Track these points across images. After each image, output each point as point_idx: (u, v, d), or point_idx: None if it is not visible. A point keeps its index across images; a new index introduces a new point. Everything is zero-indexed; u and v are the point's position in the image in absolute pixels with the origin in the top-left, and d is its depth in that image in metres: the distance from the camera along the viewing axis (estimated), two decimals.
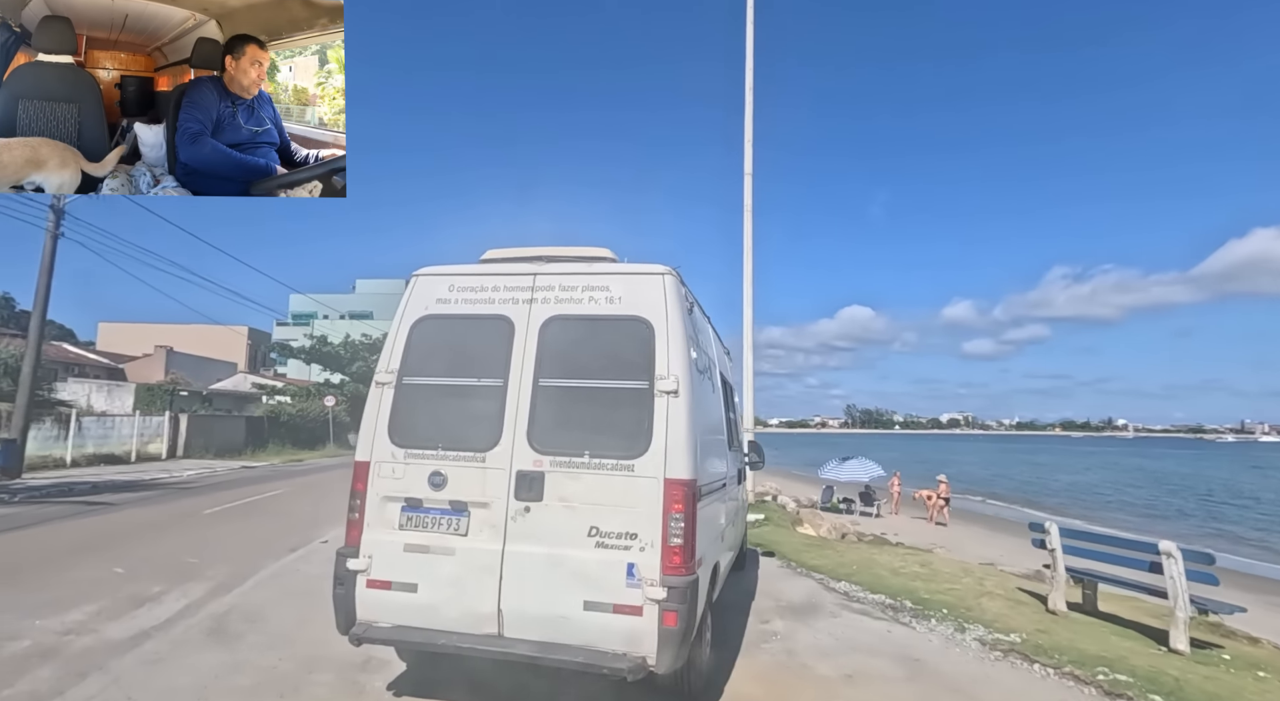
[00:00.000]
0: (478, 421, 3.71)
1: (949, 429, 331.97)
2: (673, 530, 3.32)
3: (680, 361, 3.51)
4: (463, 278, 3.95)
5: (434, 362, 3.86)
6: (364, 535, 3.72)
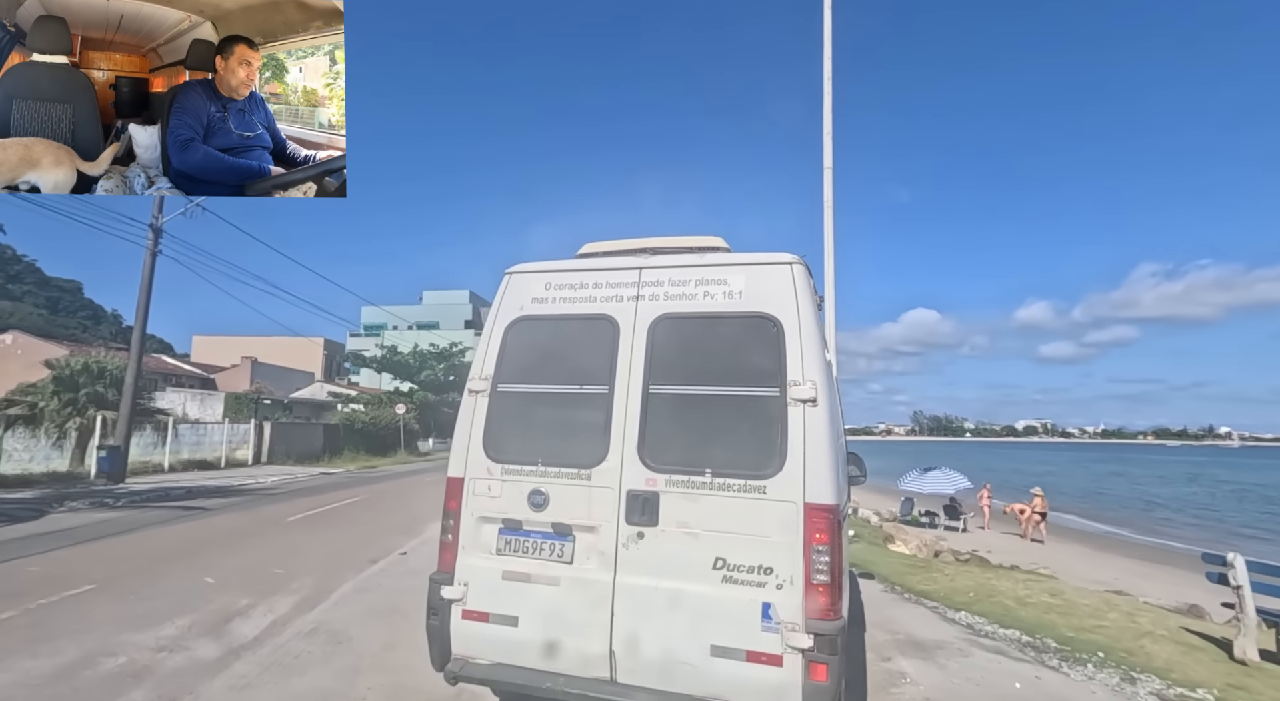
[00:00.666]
0: (581, 434, 3.31)
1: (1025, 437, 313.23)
2: (816, 565, 2.80)
3: (816, 364, 3.00)
4: (560, 274, 3.57)
5: (531, 368, 3.50)
6: (459, 559, 3.37)
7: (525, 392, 3.47)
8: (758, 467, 2.95)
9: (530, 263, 3.71)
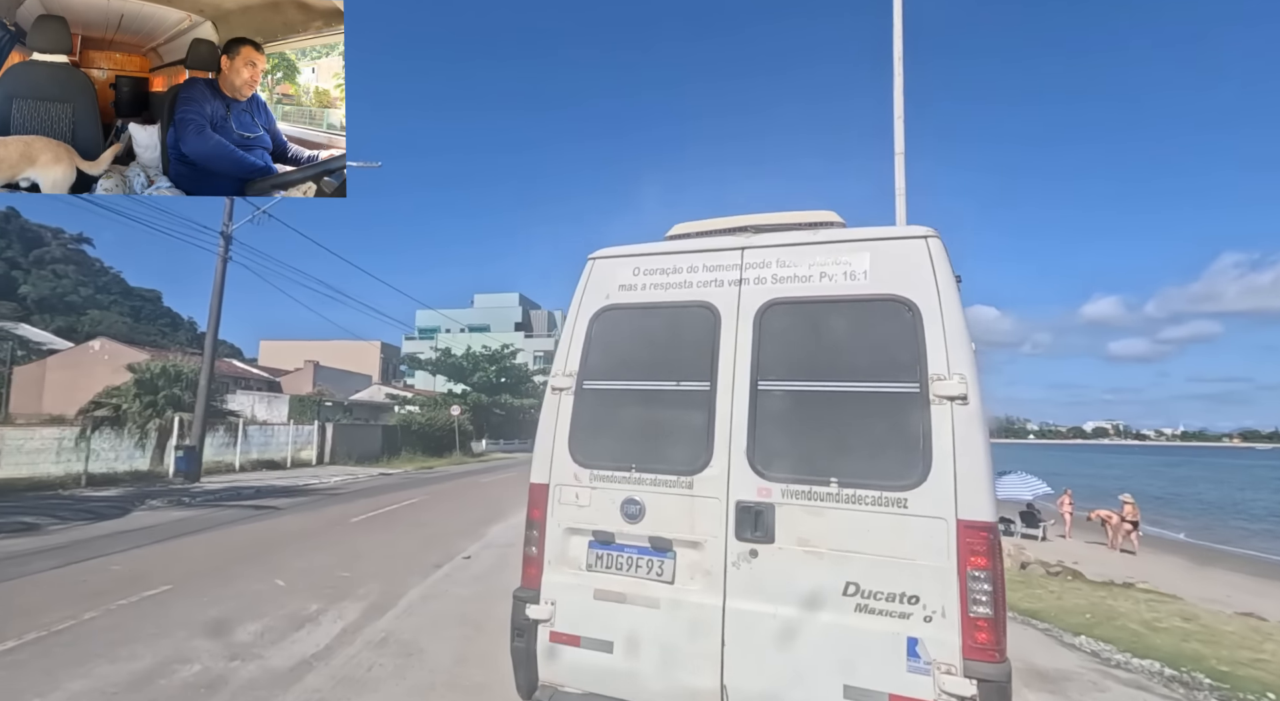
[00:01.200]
0: (679, 436, 2.94)
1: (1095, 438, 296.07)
2: (975, 594, 2.34)
3: (963, 355, 2.53)
4: (650, 258, 3.21)
5: (620, 362, 3.15)
6: (545, 575, 3.06)
7: (614, 389, 3.12)
8: (896, 477, 2.51)
9: (615, 246, 3.36)
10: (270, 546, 8.58)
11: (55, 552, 7.86)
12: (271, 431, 24.26)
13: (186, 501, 13.07)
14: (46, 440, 22.38)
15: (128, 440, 19.36)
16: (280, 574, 6.90)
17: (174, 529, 9.84)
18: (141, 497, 13.16)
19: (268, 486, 16.20)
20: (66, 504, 12.01)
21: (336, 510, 12.47)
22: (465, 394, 41.22)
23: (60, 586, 6.25)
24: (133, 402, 19.02)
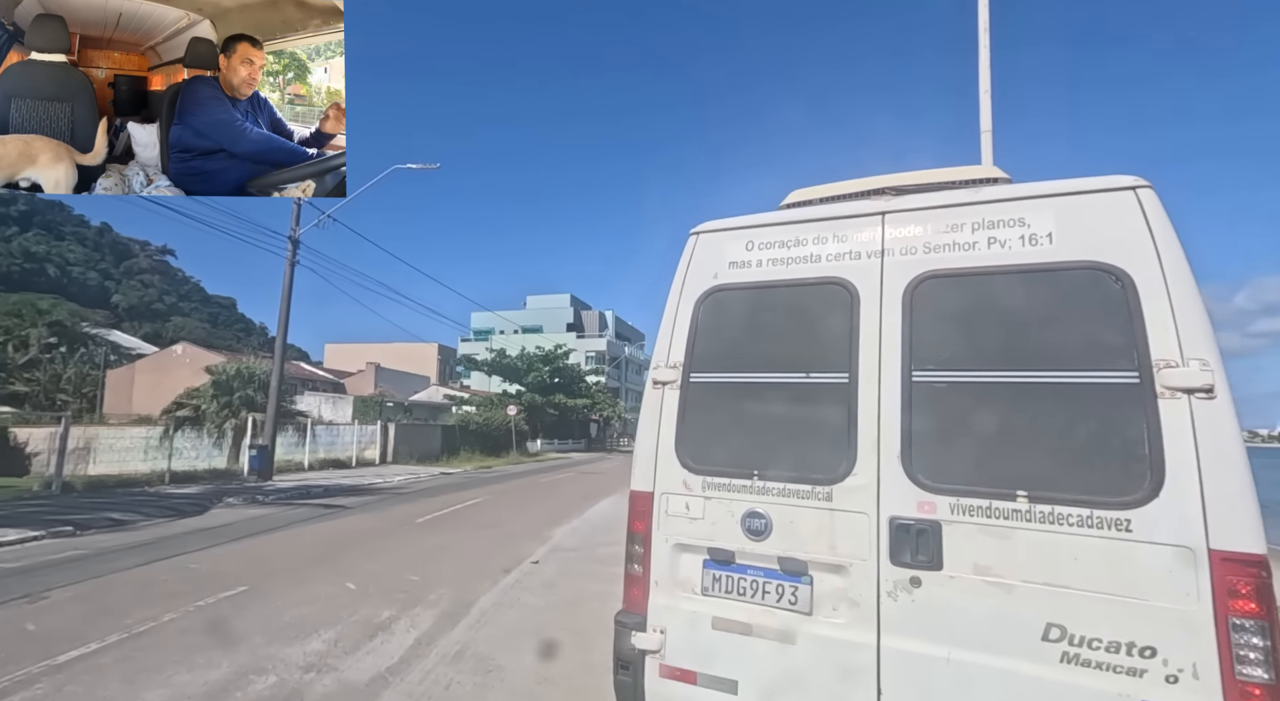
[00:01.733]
0: (812, 437, 2.49)
1: None
2: (1242, 651, 1.79)
3: (1201, 336, 1.98)
4: (767, 230, 2.75)
5: (734, 351, 2.71)
6: (652, 598, 2.64)
7: (728, 383, 2.69)
8: (1112, 491, 1.98)
9: (723, 219, 2.93)
10: (340, 547, 8.54)
11: (140, 550, 8.04)
12: (337, 431, 24.97)
13: (260, 499, 13.41)
14: (135, 439, 23.72)
15: (206, 439, 20.25)
16: (351, 576, 6.78)
17: (249, 527, 10.00)
18: (219, 495, 13.58)
19: (335, 485, 16.54)
20: (152, 500, 12.48)
21: (402, 510, 12.51)
22: (520, 394, 41.62)
23: (143, 585, 6.29)
24: (210, 403, 19.87)
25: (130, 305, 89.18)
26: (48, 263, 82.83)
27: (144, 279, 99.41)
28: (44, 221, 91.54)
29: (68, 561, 7.31)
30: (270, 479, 16.85)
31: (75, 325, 50.11)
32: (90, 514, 10.35)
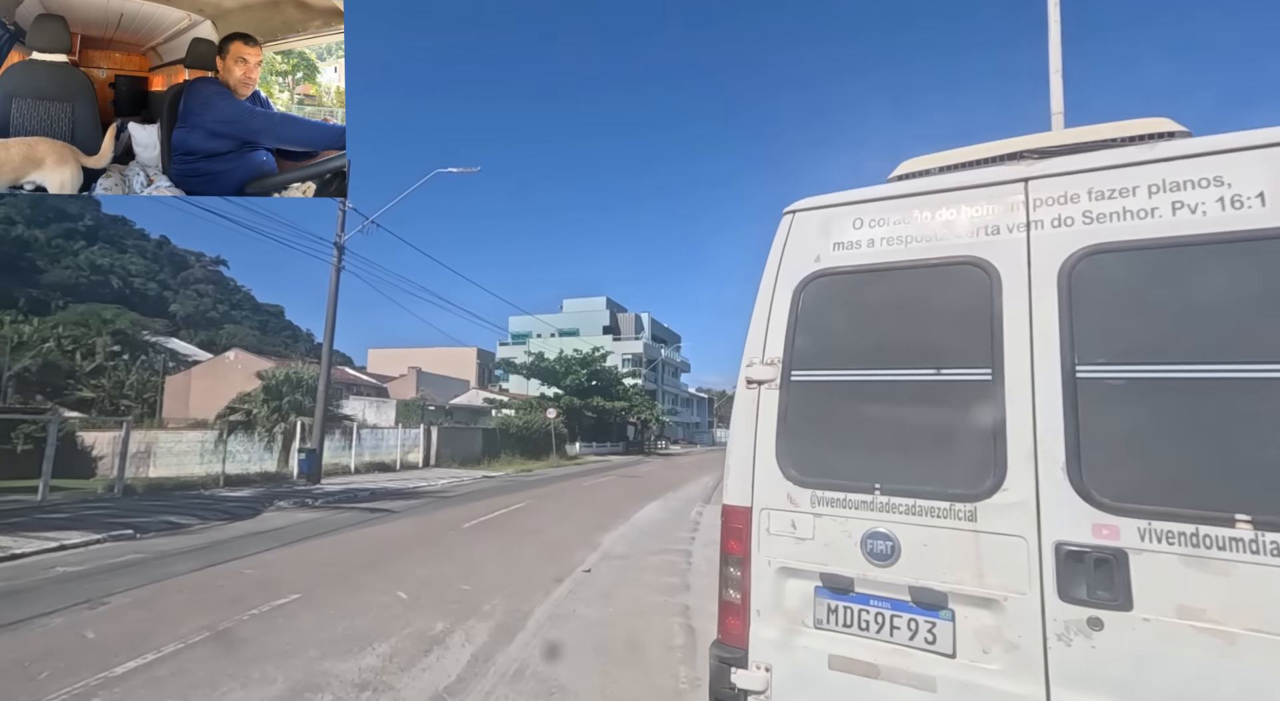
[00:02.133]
0: (948, 444, 2.11)
1: None
2: None
3: None
4: (879, 205, 2.39)
5: (844, 345, 2.36)
6: (753, 629, 2.30)
7: (838, 381, 2.33)
8: None
9: (823, 195, 2.57)
10: (390, 552, 8.44)
11: (196, 554, 8.08)
12: (381, 434, 25.34)
13: (310, 502, 13.54)
14: (191, 443, 24.50)
15: (257, 443, 20.76)
16: (402, 584, 6.63)
17: (299, 531, 10.03)
18: (270, 498, 13.78)
19: (381, 488, 16.66)
20: (207, 504, 12.72)
21: (447, 514, 12.44)
22: (558, 397, 41.71)
23: (199, 591, 6.25)
24: (261, 408, 20.35)
25: (186, 313, 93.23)
26: (112, 274, 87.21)
27: (199, 288, 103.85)
28: (108, 235, 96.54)
29: (127, 565, 7.37)
30: (319, 482, 17.09)
31: (137, 333, 52.45)
32: (149, 516, 10.56)
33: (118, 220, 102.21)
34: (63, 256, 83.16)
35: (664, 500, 15.72)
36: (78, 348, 41.77)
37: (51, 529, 9.18)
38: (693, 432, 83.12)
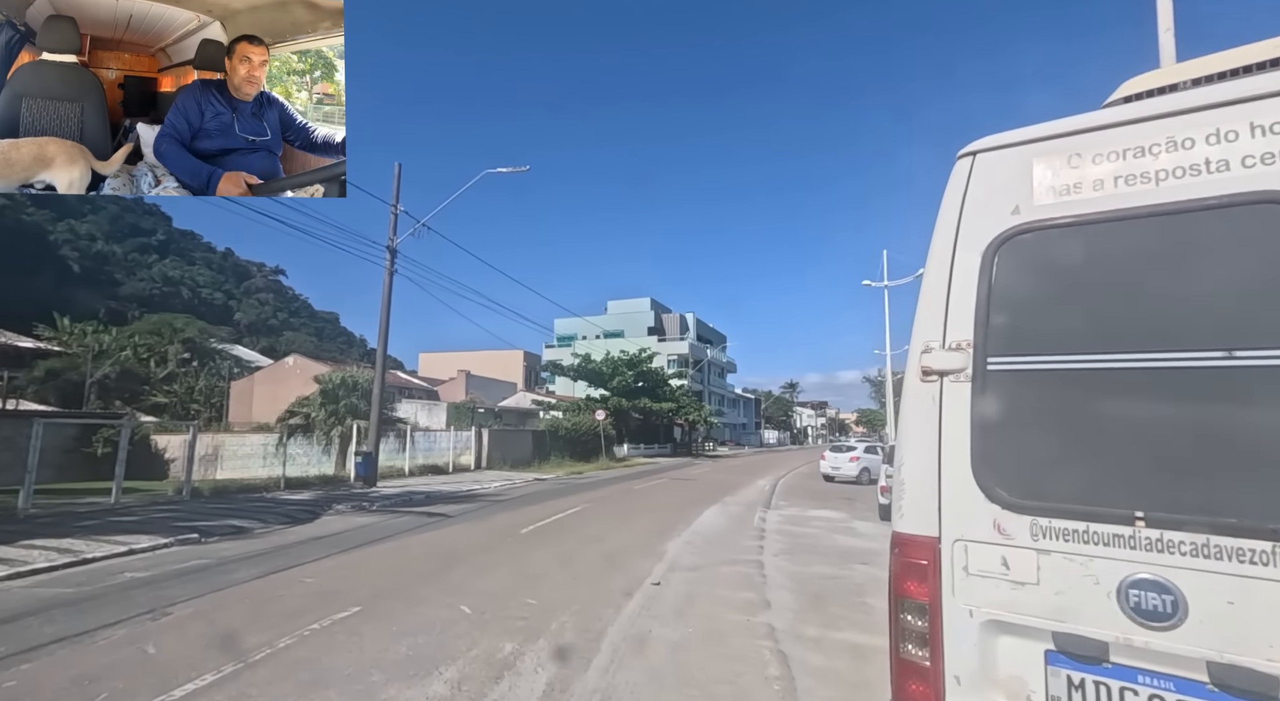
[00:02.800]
0: (1252, 455, 1.51)
1: None
2: None
3: None
4: (1109, 133, 1.78)
5: (1071, 321, 1.76)
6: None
7: (1064, 370, 1.74)
8: None
9: (1013, 130, 1.99)
10: (448, 561, 8.14)
11: (258, 560, 7.96)
12: (434, 437, 25.52)
13: (366, 506, 13.51)
14: (254, 446, 25.22)
15: (316, 446, 21.14)
16: (464, 597, 6.27)
17: (358, 536, 9.88)
18: (329, 501, 13.82)
19: (436, 491, 16.61)
20: (269, 507, 12.82)
21: (503, 519, 12.15)
22: (605, 398, 41.49)
23: (259, 601, 6.04)
24: (319, 411, 20.71)
25: (249, 321, 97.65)
26: (182, 285, 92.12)
27: (260, 297, 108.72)
28: (179, 248, 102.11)
29: (192, 572, 7.27)
30: (375, 485, 17.17)
31: (205, 341, 55.00)
32: (213, 520, 10.62)
33: (187, 234, 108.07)
34: (138, 269, 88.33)
35: (722, 505, 15.11)
36: (152, 355, 43.97)
37: (122, 532, 9.28)
38: (739, 434, 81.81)
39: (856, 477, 23.31)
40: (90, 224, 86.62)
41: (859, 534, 11.25)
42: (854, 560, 8.68)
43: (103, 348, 39.21)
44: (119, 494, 12.38)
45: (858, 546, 9.82)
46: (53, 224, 77.46)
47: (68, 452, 22.57)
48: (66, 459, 22.14)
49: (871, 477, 23.70)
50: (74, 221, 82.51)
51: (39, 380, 32.64)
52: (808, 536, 10.80)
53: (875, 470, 24.22)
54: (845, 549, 9.57)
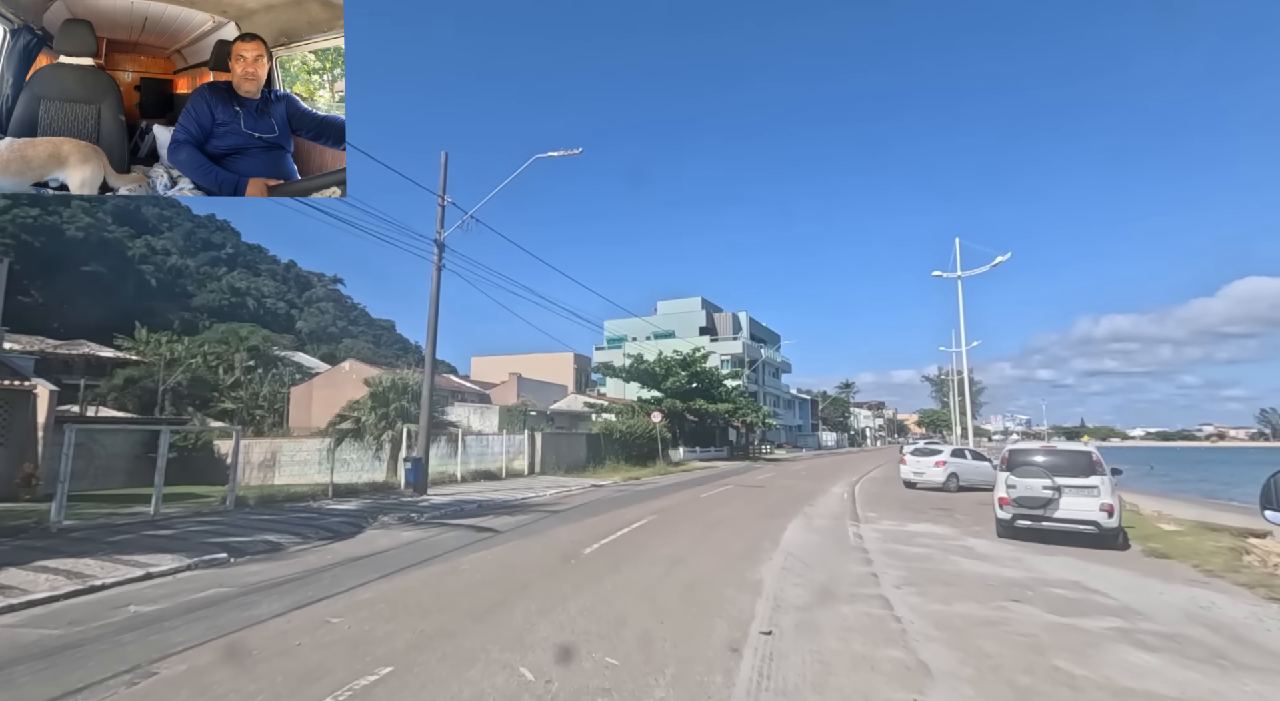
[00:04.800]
0: None
1: None
2: None
3: None
4: None
5: None
6: None
7: None
8: None
9: None
10: (504, 592, 6.77)
11: (284, 588, 6.80)
12: (486, 441, 24.59)
13: (415, 518, 12.42)
14: (311, 451, 24.81)
15: (366, 452, 20.43)
16: (524, 651, 4.86)
17: (402, 557, 8.67)
18: (376, 512, 12.80)
19: (489, 500, 15.46)
20: (312, 518, 11.87)
21: (563, 535, 10.77)
22: (659, 400, 40.00)
23: (269, 656, 4.76)
24: (369, 415, 19.97)
25: (310, 329, 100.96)
26: (248, 296, 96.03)
27: (320, 306, 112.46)
28: (245, 261, 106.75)
29: (205, 605, 6.15)
30: (425, 492, 16.17)
31: (268, 349, 56.52)
32: (250, 535, 9.65)
33: (254, 248, 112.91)
34: (208, 281, 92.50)
35: (805, 518, 13.34)
36: (220, 363, 45.24)
37: (149, 550, 8.35)
38: (795, 436, 78.83)
39: (943, 484, 20.98)
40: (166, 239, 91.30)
41: (982, 556, 9.36)
42: (1000, 595, 6.88)
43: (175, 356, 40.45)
44: (159, 504, 11.65)
45: (993, 574, 7.97)
46: (131, 240, 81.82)
47: (136, 458, 22.67)
48: (135, 465, 22.21)
49: (960, 484, 21.32)
50: (150, 237, 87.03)
51: (119, 388, 33.66)
52: (922, 559, 8.99)
53: (966, 476, 21.79)
54: (979, 578, 7.74)
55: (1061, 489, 10.39)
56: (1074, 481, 10.45)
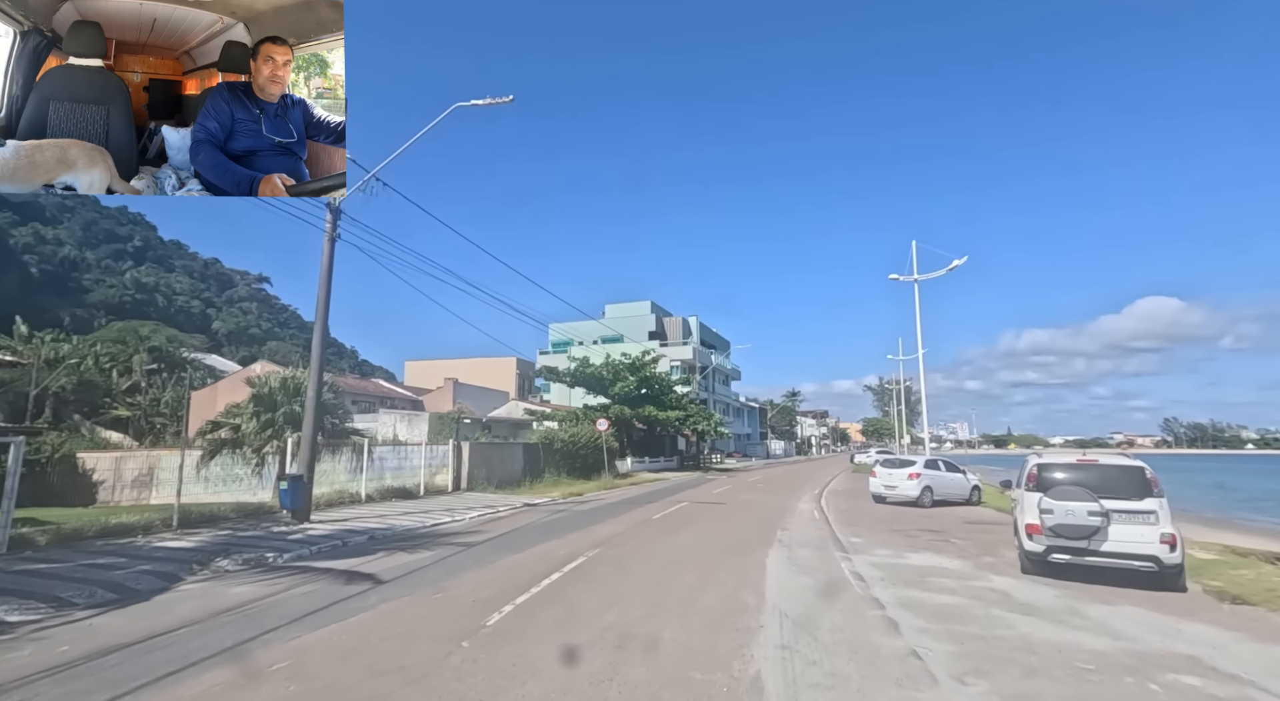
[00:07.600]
0: None
1: None
2: None
3: None
4: None
5: None
6: None
7: None
8: None
9: None
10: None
11: None
12: (405, 453, 21.09)
13: (270, 559, 9.15)
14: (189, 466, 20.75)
15: (246, 465, 16.74)
16: None
17: (193, 645, 5.54)
18: (220, 552, 9.43)
19: (387, 529, 12.22)
20: (112, 565, 8.46)
21: (465, 587, 7.75)
22: (606, 407, 37.13)
23: None
24: (250, 421, 16.32)
25: (229, 330, 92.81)
26: (157, 293, 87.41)
27: (243, 306, 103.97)
28: (157, 255, 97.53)
29: None
30: (307, 519, 12.76)
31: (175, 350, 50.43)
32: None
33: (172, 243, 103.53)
34: (109, 276, 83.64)
35: (783, 549, 10.78)
36: (115, 365, 39.64)
37: None
38: (744, 445, 77.32)
39: (918, 499, 18.94)
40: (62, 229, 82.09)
41: (1030, 607, 7.04)
42: (1111, 690, 4.47)
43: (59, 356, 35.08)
44: None
45: (1071, 644, 5.60)
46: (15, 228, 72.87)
47: None
48: None
49: (935, 498, 19.37)
50: (40, 225, 77.97)
51: None
52: (958, 617, 6.56)
53: (940, 489, 19.81)
54: (1058, 653, 5.35)
55: (1110, 514, 8.22)
56: (1124, 505, 8.29)
